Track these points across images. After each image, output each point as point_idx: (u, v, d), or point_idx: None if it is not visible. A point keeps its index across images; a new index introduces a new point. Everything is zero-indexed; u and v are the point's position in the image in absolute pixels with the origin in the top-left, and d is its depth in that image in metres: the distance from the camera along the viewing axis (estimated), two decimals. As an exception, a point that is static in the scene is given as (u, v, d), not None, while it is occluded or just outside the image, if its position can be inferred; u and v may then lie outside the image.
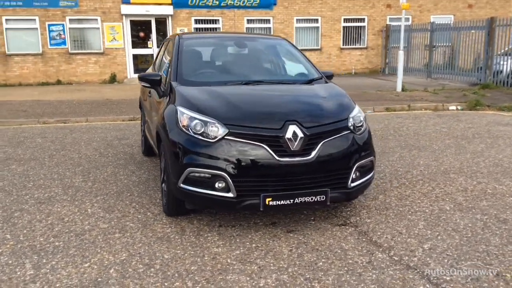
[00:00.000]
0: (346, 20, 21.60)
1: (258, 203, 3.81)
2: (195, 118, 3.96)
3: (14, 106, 12.13)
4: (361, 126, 4.32)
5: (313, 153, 3.90)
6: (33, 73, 18.75)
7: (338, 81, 19.23)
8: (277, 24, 20.85)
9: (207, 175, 3.83)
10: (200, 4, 19.75)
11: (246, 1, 20.12)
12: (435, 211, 4.64)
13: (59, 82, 18.81)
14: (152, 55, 19.47)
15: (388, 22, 21.68)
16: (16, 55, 18.57)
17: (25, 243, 3.85)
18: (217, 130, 3.86)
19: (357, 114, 4.34)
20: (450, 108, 12.30)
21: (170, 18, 19.61)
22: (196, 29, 20.04)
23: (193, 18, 19.93)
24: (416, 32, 19.57)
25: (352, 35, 21.85)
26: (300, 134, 3.87)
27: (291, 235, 4.05)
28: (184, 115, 4.03)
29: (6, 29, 18.29)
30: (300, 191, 3.89)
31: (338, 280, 3.27)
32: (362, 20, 21.77)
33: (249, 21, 20.60)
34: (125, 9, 18.94)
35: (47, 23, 18.55)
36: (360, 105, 4.90)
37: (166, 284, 3.20)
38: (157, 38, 19.63)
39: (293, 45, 5.57)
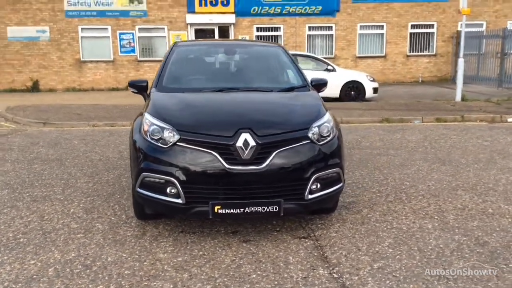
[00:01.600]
0: (413, 26, 20.81)
1: (207, 210, 3.82)
2: (154, 124, 4.05)
3: (72, 109, 12.98)
4: (328, 136, 4.18)
5: (266, 163, 3.83)
6: (104, 79, 19.94)
7: (399, 90, 18.61)
8: (340, 31, 20.55)
9: (160, 180, 3.90)
10: (262, 12, 19.97)
11: (308, 9, 20.04)
12: (413, 229, 4.38)
13: (127, 88, 19.79)
14: (214, 62, 19.91)
15: (459, 29, 20.56)
16: (89, 62, 19.84)
17: (-4, 238, 4.14)
18: (172, 137, 3.93)
19: (323, 123, 4.21)
20: (509, 120, 11.46)
21: (232, 26, 20.01)
22: (258, 37, 20.26)
23: (254, 26, 20.19)
24: (488, 38, 18.42)
25: (419, 41, 21.01)
26: (251, 143, 3.83)
27: (245, 245, 4.01)
28: (147, 121, 4.15)
29: (81, 37, 19.61)
30: (252, 200, 3.84)
31: (261, 294, 3.19)
32: (431, 26, 20.86)
33: (310, 28, 20.50)
34: (190, 18, 19.61)
35: (118, 31, 19.67)
36: (409, 115, 4.75)
37: (90, 286, 3.30)
38: (219, 45, 20.05)
39: (287, 53, 5.49)
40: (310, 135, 4.05)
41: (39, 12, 19.33)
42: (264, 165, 3.83)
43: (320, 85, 5.23)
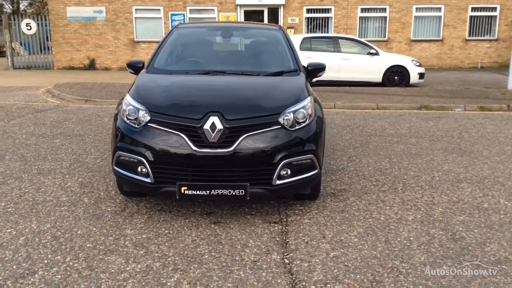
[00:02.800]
0: (474, 9, 19.74)
1: (175, 190, 3.91)
2: (131, 105, 4.18)
3: (116, 88, 13.47)
4: (303, 122, 4.13)
5: (233, 146, 3.86)
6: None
7: (452, 76, 17.80)
8: (394, 13, 19.85)
9: (131, 159, 4.03)
10: (312, -7, 19.64)
11: (361, -10, 19.48)
12: (391, 220, 4.26)
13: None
14: (262, 44, 19.89)
15: (524, 11, 19.29)
16: (142, 42, 20.43)
17: (-10, 206, 4.45)
18: (144, 117, 4.04)
19: (299, 109, 4.15)
20: (560, 112, 10.72)
21: (282, 8, 19.84)
22: (308, 18, 19.98)
23: (305, 8, 19.92)
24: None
25: (480, 25, 19.91)
26: (219, 126, 3.86)
27: (213, 226, 4.08)
28: (126, 102, 4.28)
29: (135, 18, 20.19)
30: (218, 183, 3.89)
31: (202, 274, 3.26)
32: (493, 9, 19.68)
33: (363, 10, 19.94)
34: (239, -1, 19.63)
35: (170, 13, 20.06)
36: (451, 102, 4.63)
37: (49, 256, 3.49)
38: (268, 27, 19.98)
39: (285, 36, 5.41)
40: (281, 120, 4.01)
41: (96, -8, 20.08)
42: (231, 148, 3.86)
43: (316, 69, 5.14)
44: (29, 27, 20.57)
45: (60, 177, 5.37)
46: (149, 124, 3.99)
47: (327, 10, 20.03)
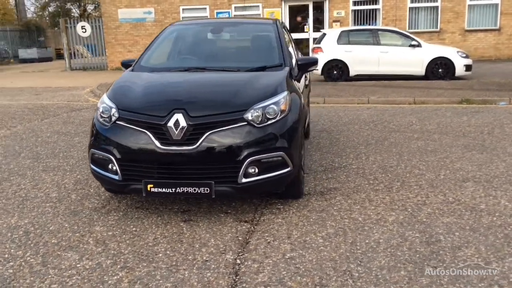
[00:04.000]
0: (535, -6, 18.41)
1: (141, 188, 3.93)
2: (104, 103, 4.24)
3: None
4: (273, 118, 4.01)
5: (197, 144, 3.82)
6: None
7: (508, 67, 16.67)
8: (446, 2, 18.95)
9: (103, 157, 4.10)
10: (359, -15, 19.14)
11: (410, -21, 18.73)
12: (369, 220, 4.06)
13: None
14: (308, 39, 19.68)
15: None
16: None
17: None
18: (114, 116, 4.08)
19: (269, 105, 4.03)
20: None
21: (327, 1, 19.48)
22: (355, 11, 19.50)
23: (351, 0, 19.43)
24: None
25: (542, 11, 18.54)
26: (182, 123, 3.83)
27: (182, 224, 4.05)
28: (101, 100, 4.35)
29: (182, 18, 20.54)
30: (183, 181, 3.87)
31: (147, 273, 3.23)
32: (557, -7, 18.26)
33: (413, 0, 19.15)
34: (284, -6, 19.48)
35: (215, 11, 20.27)
36: (495, 96, 4.45)
37: (12, 251, 3.60)
38: (314, 22, 19.72)
39: (278, 30, 5.25)
40: (248, 116, 3.92)
41: (145, -6, 20.65)
42: (195, 146, 3.82)
43: (306, 64, 4.99)
44: (84, 30, 21.50)
45: (61, 174, 5.55)
46: (117, 122, 4.03)
47: (374, 2, 19.44)
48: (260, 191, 4.31)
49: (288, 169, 4.05)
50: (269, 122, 3.99)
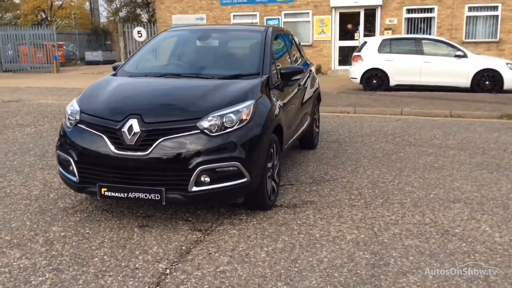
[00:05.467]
0: None
1: (96, 191, 3.98)
2: (72, 106, 4.35)
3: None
4: (230, 127, 3.93)
5: (149, 150, 3.81)
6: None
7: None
8: (507, 11, 17.86)
9: (64, 158, 4.19)
10: (413, -8, 18.49)
11: (468, -13, 17.86)
12: (324, 238, 3.87)
13: (271, 72, 20.40)
14: (357, 47, 19.23)
15: None
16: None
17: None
18: (76, 119, 4.17)
19: (228, 113, 3.95)
20: None
21: (379, 8, 18.98)
22: (408, 19, 18.87)
23: (404, 8, 18.81)
24: None
25: None
26: (136, 129, 3.84)
27: (135, 230, 4.04)
28: (71, 103, 4.46)
29: (233, 24, 20.76)
30: (135, 186, 3.87)
31: (72, 277, 3.24)
32: None
33: (471, 8, 18.25)
34: (335, 1, 19.21)
35: (265, 17, 20.33)
36: None
37: (-37, 245, 3.76)
38: (364, 29, 19.28)
39: (265, 39, 5.11)
40: (202, 124, 3.86)
41: (199, 1, 21.07)
42: (147, 152, 3.81)
43: (289, 73, 4.87)
44: (139, 35, 22.24)
45: (54, 172, 5.72)
46: (78, 125, 4.11)
47: (429, 10, 18.68)
48: (215, 201, 4.24)
49: (244, 179, 3.95)
50: (227, 130, 3.91)
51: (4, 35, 24.06)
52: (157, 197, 3.81)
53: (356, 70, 13.61)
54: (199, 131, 3.84)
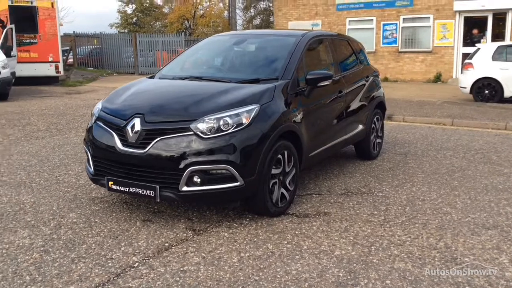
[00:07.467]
0: None
1: (105, 183, 4.27)
2: (98, 104, 4.71)
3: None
4: (225, 130, 3.93)
5: (147, 148, 3.99)
6: (366, 70, 20.29)
7: None
8: None
9: (85, 151, 4.57)
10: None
11: None
12: (312, 251, 3.70)
13: (385, 79, 19.65)
14: (482, 54, 17.68)
15: None
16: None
17: None
18: (96, 116, 4.52)
19: (224, 116, 3.96)
20: None
21: (510, 12, 17.25)
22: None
23: (540, 12, 16.85)
24: None
25: None
26: (137, 127, 4.05)
27: (138, 223, 4.21)
28: (98, 103, 4.82)
29: (348, 29, 20.46)
30: (134, 181, 4.08)
31: (53, 260, 3.50)
32: None
33: None
34: (459, 5, 17.91)
35: (382, 23, 19.67)
36: None
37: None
38: (492, 36, 17.66)
39: (297, 43, 4.97)
40: (195, 126, 3.93)
41: (315, 7, 21.09)
42: (145, 150, 3.99)
43: (316, 79, 4.72)
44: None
45: (64, 169, 5.91)
46: (96, 121, 4.44)
47: None
48: (207, 202, 4.27)
49: (237, 183, 3.93)
50: (221, 133, 3.93)
51: (141, 41, 26.36)
52: (152, 193, 3.97)
53: (466, 79, 12.54)
54: (192, 132, 3.92)
